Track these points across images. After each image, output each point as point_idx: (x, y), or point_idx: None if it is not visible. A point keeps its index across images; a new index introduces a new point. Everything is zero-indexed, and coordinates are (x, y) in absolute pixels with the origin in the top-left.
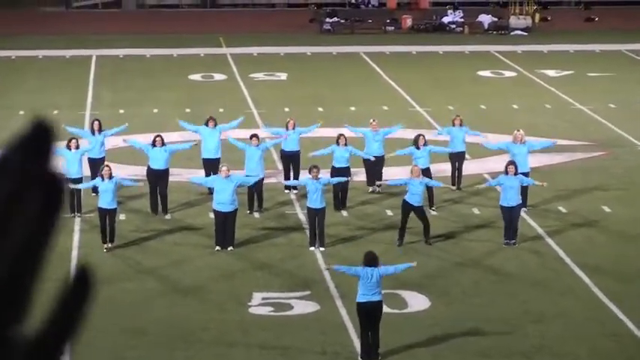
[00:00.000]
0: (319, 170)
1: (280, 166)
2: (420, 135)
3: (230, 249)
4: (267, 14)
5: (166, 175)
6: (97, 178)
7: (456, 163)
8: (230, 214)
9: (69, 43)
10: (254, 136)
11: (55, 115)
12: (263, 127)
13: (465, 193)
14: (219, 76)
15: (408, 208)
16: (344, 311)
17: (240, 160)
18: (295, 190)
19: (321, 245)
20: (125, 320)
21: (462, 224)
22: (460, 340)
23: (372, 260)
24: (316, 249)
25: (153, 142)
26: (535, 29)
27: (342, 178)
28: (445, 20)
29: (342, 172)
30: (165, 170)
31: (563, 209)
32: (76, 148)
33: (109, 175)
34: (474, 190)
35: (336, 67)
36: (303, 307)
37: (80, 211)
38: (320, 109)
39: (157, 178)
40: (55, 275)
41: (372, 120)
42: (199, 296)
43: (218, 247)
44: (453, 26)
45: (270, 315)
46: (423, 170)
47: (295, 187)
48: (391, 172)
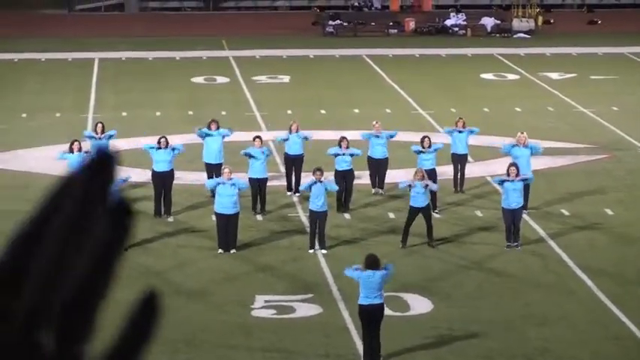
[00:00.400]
0: (323, 173)
1: (283, 169)
2: (426, 137)
3: (233, 251)
4: (270, 17)
5: (171, 177)
6: None
7: (459, 165)
8: (232, 216)
9: (71, 45)
10: (257, 138)
11: (58, 118)
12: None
13: (468, 195)
14: (221, 79)
15: (415, 211)
16: (347, 314)
17: (243, 163)
18: (298, 193)
19: (322, 247)
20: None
21: (465, 227)
22: (463, 343)
23: (373, 263)
24: (317, 251)
25: (157, 143)
26: (538, 32)
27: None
28: (448, 23)
29: (345, 174)
30: (170, 171)
31: (565, 212)
32: (79, 150)
33: None
34: (476, 193)
35: (339, 70)
36: (305, 309)
37: None
38: (323, 111)
39: (162, 180)
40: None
41: (375, 122)
42: (202, 299)
43: (221, 250)
44: (455, 29)
45: (273, 318)
46: (428, 172)
47: (298, 189)
48: (396, 175)
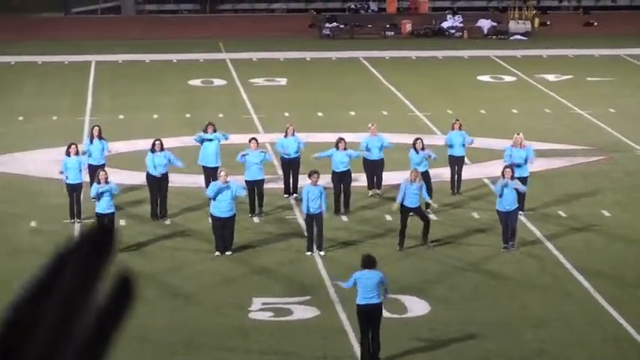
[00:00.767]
0: (319, 176)
1: (280, 172)
2: (418, 138)
3: (229, 254)
4: (267, 19)
5: (166, 180)
6: (94, 183)
7: (456, 167)
8: (228, 219)
9: (68, 48)
10: (253, 140)
11: (55, 121)
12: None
13: (465, 197)
14: (218, 82)
15: (406, 211)
16: (344, 316)
17: (239, 166)
18: (295, 195)
19: (320, 249)
20: (125, 325)
21: (462, 229)
22: (460, 345)
23: (369, 263)
24: (314, 253)
25: (152, 146)
26: (534, 34)
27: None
28: (445, 25)
29: (342, 176)
30: (165, 175)
31: (562, 213)
32: (76, 154)
33: (105, 180)
34: (473, 195)
35: (336, 72)
36: (303, 312)
37: (80, 217)
38: (320, 114)
39: (157, 183)
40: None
41: (371, 124)
42: (199, 301)
43: (218, 253)
44: (452, 31)
45: (270, 320)
46: (421, 174)
47: (296, 191)
48: (391, 177)
